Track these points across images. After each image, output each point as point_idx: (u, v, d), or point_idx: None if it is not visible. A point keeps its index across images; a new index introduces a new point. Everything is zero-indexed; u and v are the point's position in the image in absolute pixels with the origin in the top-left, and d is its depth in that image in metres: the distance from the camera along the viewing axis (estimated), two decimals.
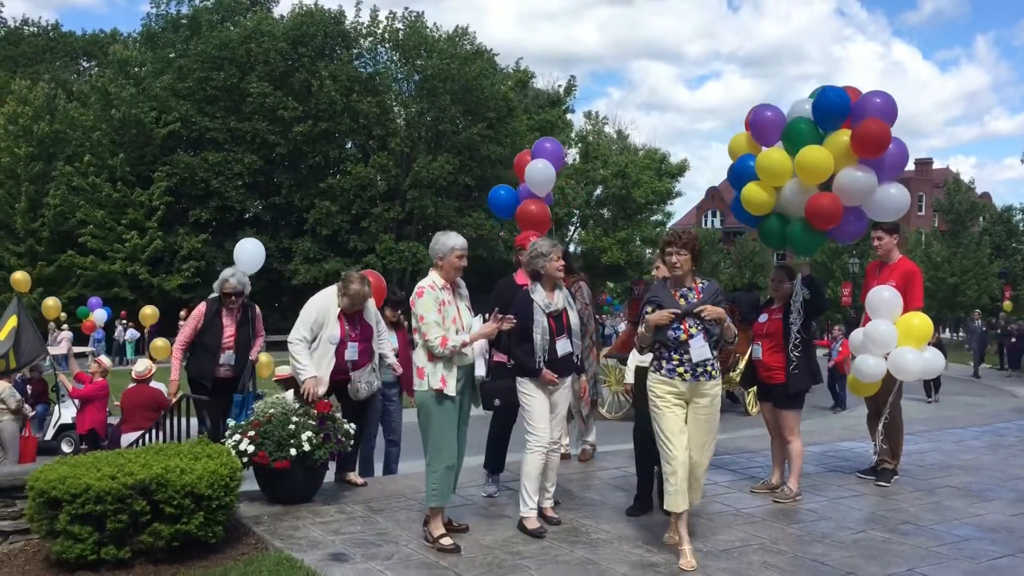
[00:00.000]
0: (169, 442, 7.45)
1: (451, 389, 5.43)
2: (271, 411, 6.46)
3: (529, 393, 5.78)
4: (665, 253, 5.41)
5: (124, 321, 31.47)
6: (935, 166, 69.78)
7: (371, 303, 6.97)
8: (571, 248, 47.57)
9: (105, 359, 13.41)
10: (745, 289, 21.50)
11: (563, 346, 5.84)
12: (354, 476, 7.19)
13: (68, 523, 5.01)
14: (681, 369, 5.22)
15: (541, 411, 5.79)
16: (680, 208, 63.98)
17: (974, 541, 5.70)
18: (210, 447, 5.82)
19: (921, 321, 6.86)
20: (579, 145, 53.28)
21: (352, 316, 6.77)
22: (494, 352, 6.04)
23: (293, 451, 6.22)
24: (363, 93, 40.22)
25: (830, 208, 6.39)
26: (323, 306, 6.76)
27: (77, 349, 19.57)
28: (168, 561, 5.19)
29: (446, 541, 5.40)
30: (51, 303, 19.49)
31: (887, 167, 6.50)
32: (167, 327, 32.66)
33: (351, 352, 6.71)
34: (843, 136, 6.36)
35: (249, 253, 8.35)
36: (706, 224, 72.68)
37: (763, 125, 6.81)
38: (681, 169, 54.08)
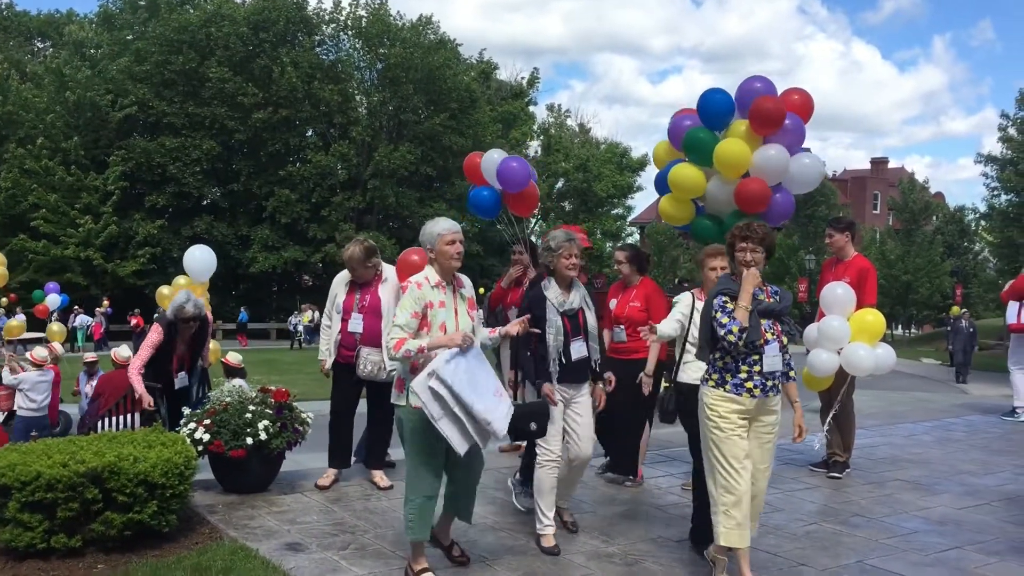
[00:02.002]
0: (123, 430, 7.34)
1: None
2: (227, 400, 6.40)
3: (555, 397, 5.24)
4: (736, 248, 4.61)
5: (76, 307, 31.10)
6: (891, 165, 70.95)
7: (393, 279, 6.56)
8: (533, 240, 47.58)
9: (57, 345, 13.19)
10: None
11: (578, 349, 5.28)
12: (380, 477, 6.72)
13: (18, 511, 4.92)
14: (750, 384, 4.49)
15: (555, 420, 5.20)
16: (641, 202, 64.27)
17: (922, 534, 5.81)
18: (164, 435, 5.75)
19: (874, 318, 6.97)
20: (541, 138, 53.39)
21: (362, 287, 6.55)
22: None
23: (249, 440, 6.17)
24: (325, 81, 39.96)
25: (760, 191, 6.50)
26: (341, 277, 6.70)
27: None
28: (120, 550, 5.12)
29: None
30: None
31: (789, 140, 6.63)
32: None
33: (354, 323, 6.48)
34: (740, 126, 6.56)
35: (200, 261, 8.19)
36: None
37: (680, 133, 6.92)
38: (642, 163, 54.45)
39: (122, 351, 10.80)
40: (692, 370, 5.39)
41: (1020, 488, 7.15)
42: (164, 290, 8.80)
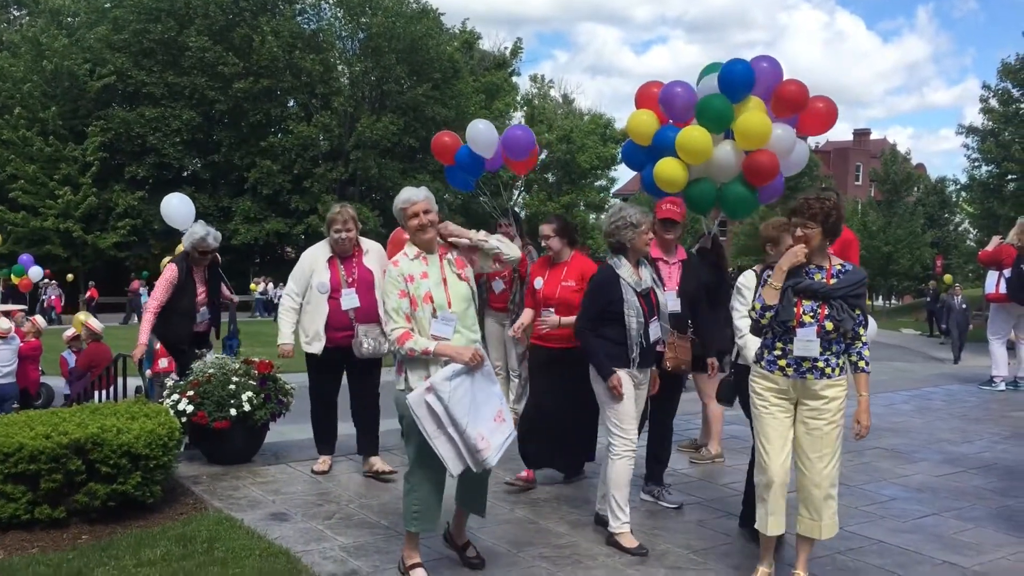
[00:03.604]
0: (106, 401, 7.33)
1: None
2: (211, 371, 6.38)
3: (624, 388, 4.85)
4: (791, 225, 4.33)
5: (46, 280, 30.89)
6: (873, 136, 71.11)
7: (375, 250, 6.26)
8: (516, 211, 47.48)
9: (40, 319, 13.13)
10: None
11: (654, 331, 4.94)
12: (381, 463, 6.31)
13: (1, 482, 4.92)
14: (783, 362, 4.24)
15: (629, 408, 4.88)
16: (624, 174, 64.11)
17: (900, 501, 5.89)
18: (148, 407, 5.75)
19: None
20: (524, 108, 53.17)
21: (348, 260, 6.12)
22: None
23: (233, 411, 6.17)
24: (306, 50, 39.55)
25: (771, 163, 6.53)
26: (312, 254, 6.19)
27: None
28: (104, 521, 5.13)
29: (420, 574, 4.41)
30: None
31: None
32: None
33: (348, 299, 6.02)
34: (752, 102, 6.54)
35: (176, 209, 8.09)
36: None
37: (675, 101, 6.88)
38: (626, 135, 54.28)
39: (95, 322, 10.85)
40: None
41: (997, 456, 7.26)
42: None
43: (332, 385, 6.39)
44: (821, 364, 4.19)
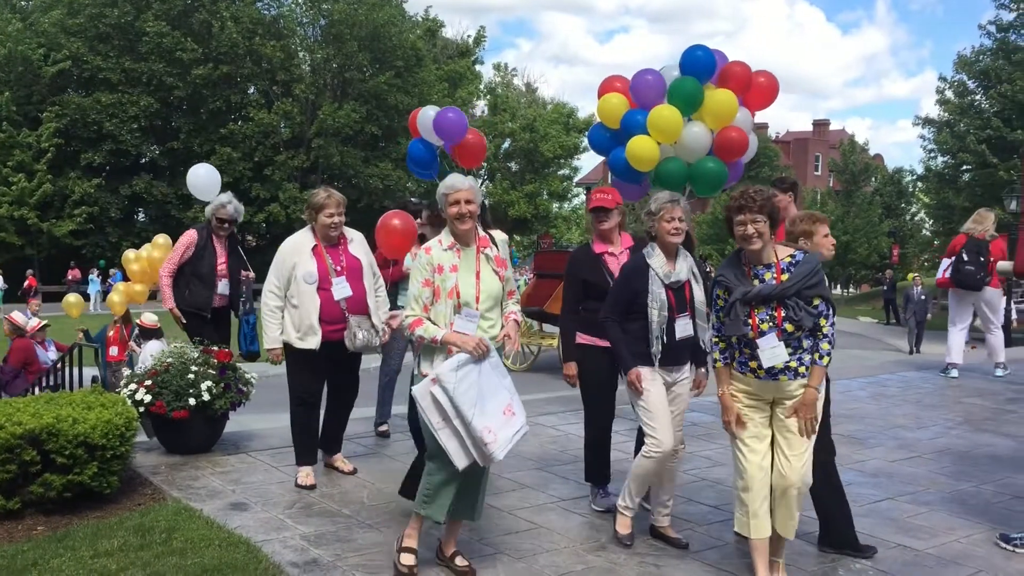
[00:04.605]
0: (61, 391, 7.21)
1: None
2: (169, 360, 6.31)
3: (644, 384, 4.62)
4: (734, 223, 4.03)
5: None
6: (832, 127, 71.96)
7: (359, 239, 5.94)
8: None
9: None
10: None
11: (683, 327, 4.63)
12: (341, 461, 6.16)
13: None
14: (754, 363, 4.05)
15: (661, 406, 4.61)
16: (587, 163, 64.26)
17: (856, 486, 5.97)
18: (104, 396, 5.67)
19: None
20: (487, 97, 53.05)
21: (333, 249, 5.73)
22: (578, 334, 5.20)
23: (192, 401, 6.11)
24: (266, 37, 39.15)
25: (741, 139, 6.77)
26: (293, 243, 5.74)
27: None
28: (61, 512, 5.06)
29: (407, 560, 4.28)
30: None
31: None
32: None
33: (340, 288, 5.61)
34: (710, 87, 6.90)
35: (204, 179, 7.96)
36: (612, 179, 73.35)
37: (644, 88, 7.10)
38: (589, 124, 54.33)
39: (18, 316, 10.56)
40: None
41: (950, 441, 7.39)
42: (130, 254, 8.79)
43: (319, 385, 5.90)
44: (794, 364, 4.01)
